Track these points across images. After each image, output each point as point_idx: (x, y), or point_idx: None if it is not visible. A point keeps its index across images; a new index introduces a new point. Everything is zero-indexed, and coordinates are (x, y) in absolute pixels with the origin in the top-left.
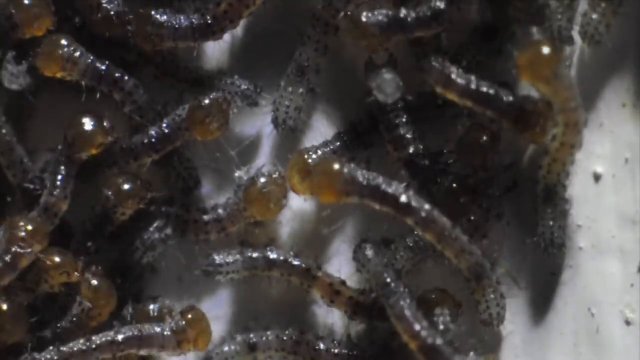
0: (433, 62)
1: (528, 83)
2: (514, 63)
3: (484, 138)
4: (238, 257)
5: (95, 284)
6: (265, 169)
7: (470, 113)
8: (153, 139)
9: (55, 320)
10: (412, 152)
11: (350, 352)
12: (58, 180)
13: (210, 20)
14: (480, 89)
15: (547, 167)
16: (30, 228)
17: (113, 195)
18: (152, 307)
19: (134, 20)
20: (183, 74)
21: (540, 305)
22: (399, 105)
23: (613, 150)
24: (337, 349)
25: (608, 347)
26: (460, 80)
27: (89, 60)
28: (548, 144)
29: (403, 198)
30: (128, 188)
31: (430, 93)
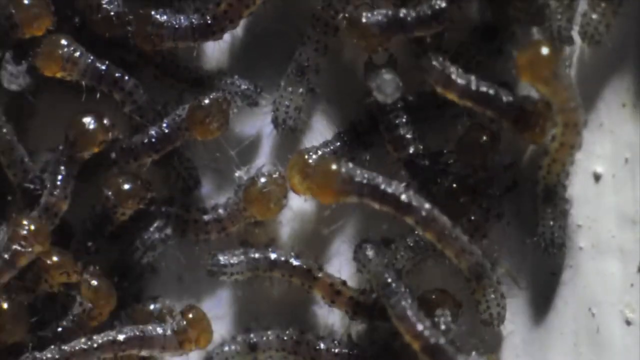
0: (433, 62)
1: (528, 83)
2: (514, 63)
3: (484, 138)
4: (242, 258)
5: (95, 284)
6: (265, 169)
7: (470, 113)
8: (153, 139)
9: (56, 320)
10: (412, 152)
11: (351, 352)
12: (58, 181)
13: (210, 21)
14: (481, 89)
15: (547, 167)
16: (33, 228)
17: (113, 195)
18: (152, 307)
19: (134, 21)
20: (183, 74)
21: (541, 305)
22: (399, 106)
23: (613, 150)
24: (337, 349)
25: (608, 347)
26: (461, 81)
27: (89, 60)
28: (548, 145)
29: (403, 197)
30: (128, 188)
31: (430, 93)
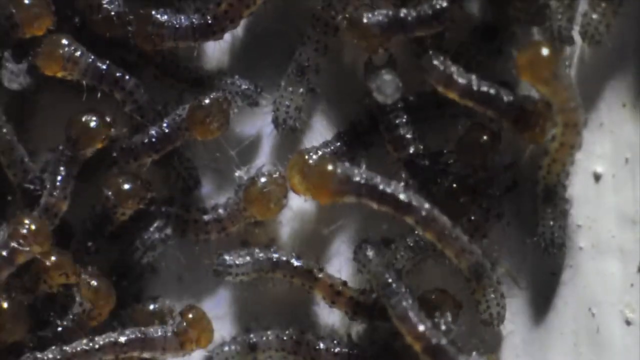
0: (434, 61)
1: (528, 83)
2: (514, 63)
3: (484, 138)
4: (248, 259)
5: (95, 285)
6: (266, 169)
7: (470, 113)
8: (153, 139)
9: (56, 320)
10: (412, 152)
11: (351, 352)
12: (58, 181)
13: (211, 20)
14: (481, 89)
15: (547, 167)
16: (34, 228)
17: (113, 195)
18: (152, 307)
19: (135, 21)
20: (183, 74)
21: (541, 305)
22: (399, 106)
23: (613, 150)
24: (337, 349)
25: (608, 347)
26: (462, 80)
27: (90, 60)
28: (548, 145)
29: (403, 197)
30: (128, 188)
31: (430, 93)
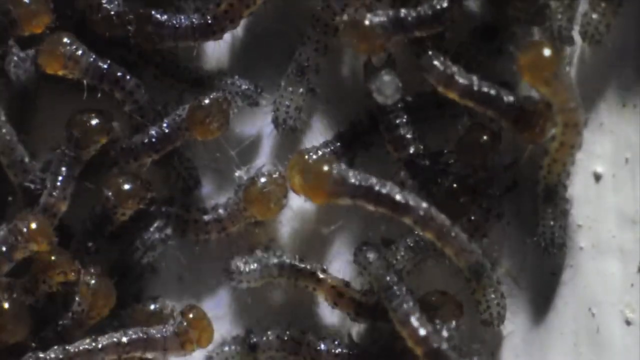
0: (435, 61)
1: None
2: (516, 63)
3: (484, 138)
4: (256, 265)
5: (94, 285)
6: (266, 169)
7: (470, 113)
8: (153, 139)
9: (56, 320)
10: (412, 152)
11: (352, 352)
12: (58, 181)
13: (211, 20)
14: (482, 89)
15: (547, 167)
16: (34, 225)
17: (113, 196)
18: (152, 307)
19: (135, 20)
20: (183, 74)
21: (541, 305)
22: (399, 106)
23: (613, 150)
24: (338, 350)
25: (608, 347)
26: (462, 80)
27: (91, 59)
28: (548, 145)
29: (399, 197)
30: (128, 188)
31: (430, 93)
